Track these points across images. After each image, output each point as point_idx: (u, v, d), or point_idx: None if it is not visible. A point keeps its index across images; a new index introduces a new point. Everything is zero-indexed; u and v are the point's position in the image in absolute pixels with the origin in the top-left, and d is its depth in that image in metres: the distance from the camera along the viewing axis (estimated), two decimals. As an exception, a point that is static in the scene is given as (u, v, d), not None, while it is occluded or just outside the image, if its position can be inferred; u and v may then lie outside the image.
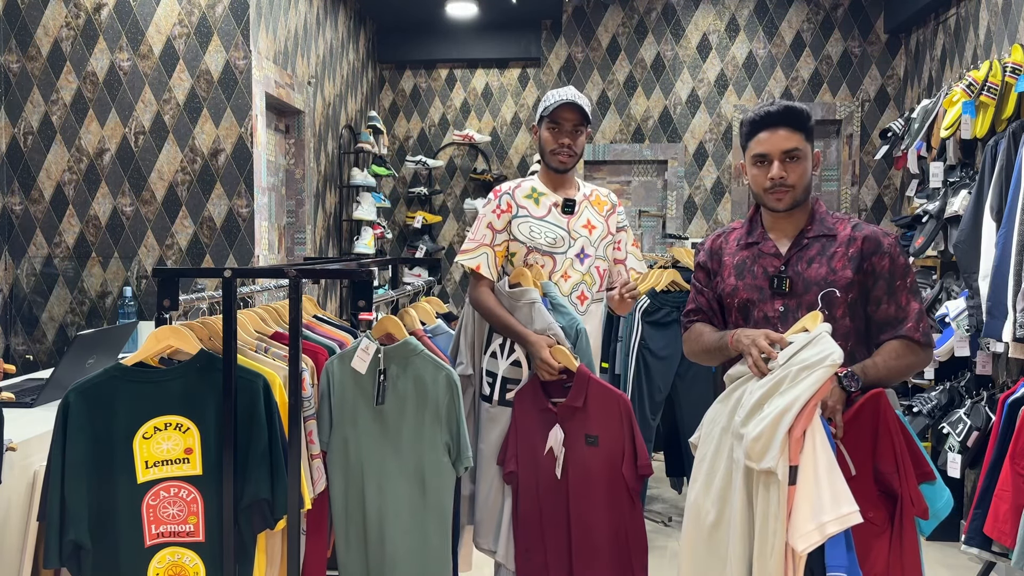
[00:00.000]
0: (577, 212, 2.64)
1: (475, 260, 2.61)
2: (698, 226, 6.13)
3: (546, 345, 2.41)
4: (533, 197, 2.65)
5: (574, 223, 2.63)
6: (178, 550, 1.96)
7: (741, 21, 6.05)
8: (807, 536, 1.71)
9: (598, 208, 2.69)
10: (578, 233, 2.62)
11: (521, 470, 2.48)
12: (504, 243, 2.62)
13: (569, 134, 2.58)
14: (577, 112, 2.56)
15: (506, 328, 2.50)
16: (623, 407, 2.39)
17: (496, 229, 2.62)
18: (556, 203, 2.64)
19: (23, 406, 2.48)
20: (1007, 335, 3.16)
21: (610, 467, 2.40)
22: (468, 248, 2.64)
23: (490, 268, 2.60)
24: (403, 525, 2.21)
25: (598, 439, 2.41)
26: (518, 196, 2.64)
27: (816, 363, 1.76)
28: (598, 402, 2.40)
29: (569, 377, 2.43)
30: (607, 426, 2.39)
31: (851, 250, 2.02)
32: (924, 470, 1.92)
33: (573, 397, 2.41)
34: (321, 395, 2.21)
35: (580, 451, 2.42)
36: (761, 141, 2.04)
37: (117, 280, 4.16)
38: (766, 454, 1.75)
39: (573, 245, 2.61)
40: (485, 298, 2.57)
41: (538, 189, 2.66)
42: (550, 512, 2.45)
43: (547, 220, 2.62)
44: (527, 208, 2.63)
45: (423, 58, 6.53)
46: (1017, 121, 3.43)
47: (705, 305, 2.21)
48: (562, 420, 2.43)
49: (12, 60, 4.14)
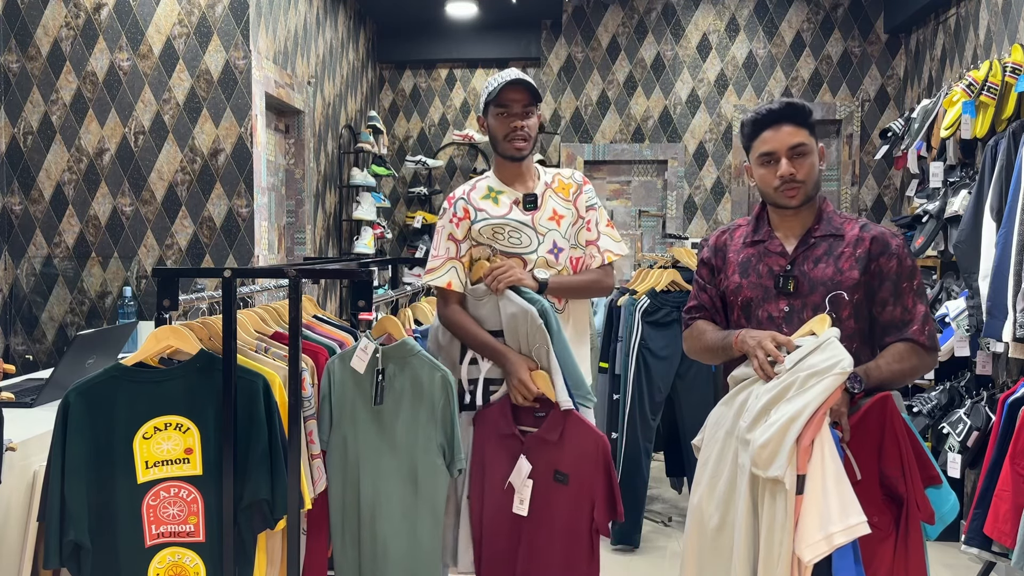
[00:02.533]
0: (540, 205, 2.43)
1: (443, 277, 2.39)
2: (698, 226, 6.13)
3: (527, 367, 2.24)
4: (491, 196, 2.45)
5: (539, 218, 2.42)
6: (178, 550, 1.95)
7: (741, 21, 6.05)
8: (814, 546, 1.69)
9: (563, 193, 2.47)
10: (545, 227, 2.42)
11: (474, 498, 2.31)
12: (468, 252, 2.43)
13: (520, 116, 2.36)
14: (525, 90, 2.36)
15: (483, 346, 2.32)
16: (602, 448, 2.20)
17: (457, 239, 2.42)
18: (516, 200, 2.43)
19: (23, 406, 2.48)
20: (1007, 335, 3.16)
21: (576, 509, 2.21)
22: (433, 266, 2.42)
23: (460, 281, 2.41)
24: (395, 525, 2.20)
25: (568, 478, 2.21)
26: (474, 199, 2.44)
27: (825, 370, 1.73)
28: (575, 437, 2.21)
29: (543, 406, 2.25)
30: (581, 465, 2.20)
31: (858, 250, 2.00)
32: (930, 474, 1.89)
33: (547, 429, 2.22)
34: (322, 395, 2.21)
35: (547, 487, 2.23)
36: (766, 140, 2.01)
37: (117, 280, 4.16)
38: (773, 462, 1.73)
39: (543, 242, 2.41)
40: (458, 317, 2.37)
41: (495, 187, 2.46)
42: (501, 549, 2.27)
43: (509, 219, 2.41)
44: (486, 209, 2.42)
45: (423, 58, 6.53)
46: (1017, 121, 3.43)
47: (707, 302, 2.18)
48: (528, 450, 2.24)
49: (12, 60, 4.14)
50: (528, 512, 2.23)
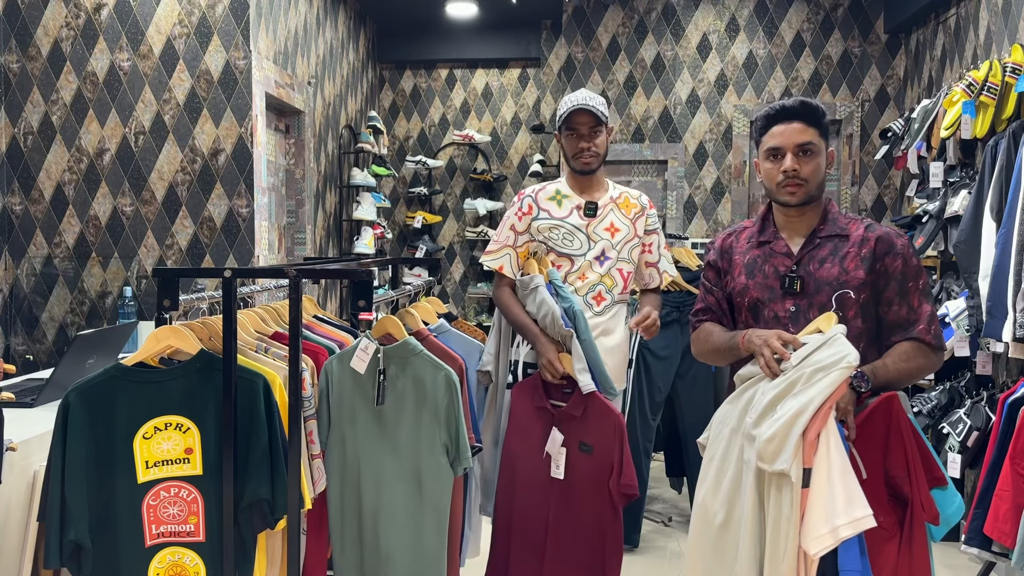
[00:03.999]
0: (600, 215, 2.70)
1: (498, 261, 2.71)
2: (698, 226, 6.13)
3: (555, 349, 2.49)
4: (556, 199, 2.72)
5: (595, 226, 2.69)
6: (178, 550, 1.95)
7: (741, 21, 6.05)
8: (820, 539, 1.69)
9: (625, 211, 2.74)
10: (599, 236, 2.68)
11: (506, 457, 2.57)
12: (526, 244, 2.72)
13: (586, 137, 2.64)
14: (589, 115, 2.62)
15: (521, 327, 2.59)
16: (618, 424, 2.46)
17: (518, 231, 2.71)
18: (579, 205, 2.70)
19: (23, 406, 2.48)
20: (1007, 335, 3.16)
21: (600, 476, 2.47)
22: (492, 249, 2.74)
23: (512, 268, 2.70)
24: (399, 525, 2.20)
25: (593, 448, 2.46)
26: (541, 198, 2.72)
27: (831, 365, 1.74)
28: (596, 415, 2.46)
29: (569, 383, 2.49)
30: (602, 438, 2.46)
31: (864, 251, 2.01)
32: (936, 475, 1.89)
33: (573, 405, 2.48)
34: (320, 395, 2.21)
35: (574, 456, 2.49)
36: (775, 135, 2.02)
37: (117, 280, 4.16)
38: (779, 456, 1.73)
39: (592, 248, 2.67)
40: (505, 297, 2.66)
41: (562, 191, 2.73)
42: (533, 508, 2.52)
43: (566, 221, 2.68)
44: (548, 210, 2.70)
45: (423, 58, 6.53)
46: (1017, 121, 3.43)
47: (715, 304, 2.19)
48: (559, 423, 2.50)
49: (12, 60, 4.14)
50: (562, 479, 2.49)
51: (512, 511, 2.55)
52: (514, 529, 2.53)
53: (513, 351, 2.67)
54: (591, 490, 2.47)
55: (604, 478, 2.46)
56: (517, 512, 2.54)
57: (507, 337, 2.70)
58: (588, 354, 2.47)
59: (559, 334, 2.49)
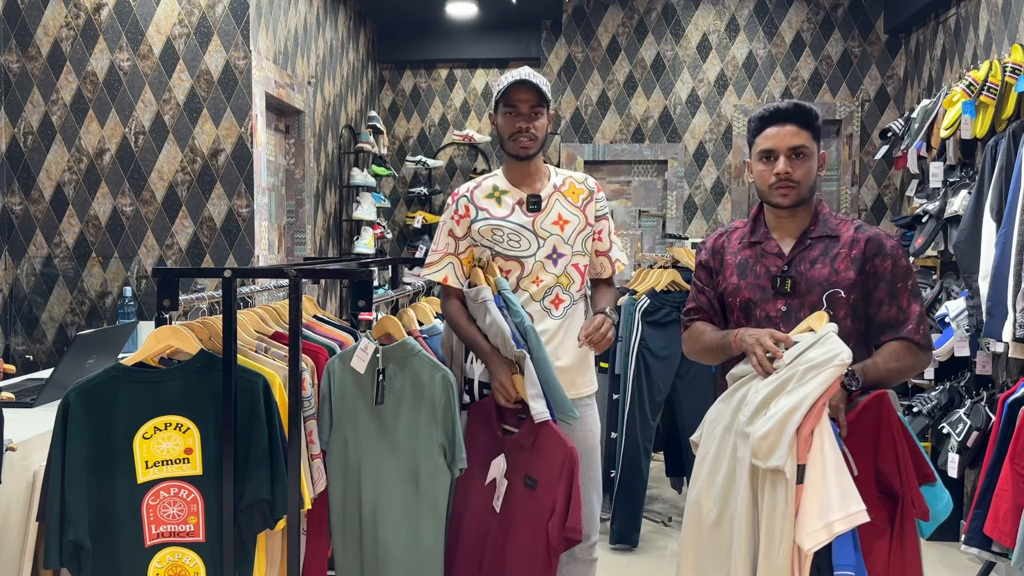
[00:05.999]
0: (545, 208, 2.41)
1: (441, 272, 2.43)
2: (698, 226, 6.13)
3: (508, 370, 2.24)
4: (495, 196, 2.43)
5: (541, 221, 2.40)
6: (178, 550, 1.96)
7: (741, 21, 6.05)
8: (814, 535, 1.71)
9: (572, 198, 2.44)
10: (547, 231, 2.39)
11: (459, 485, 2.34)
12: (468, 249, 2.44)
13: (526, 116, 2.35)
14: (533, 91, 2.34)
15: (472, 343, 2.34)
16: (569, 459, 2.20)
17: (457, 236, 2.44)
18: (520, 200, 2.41)
19: (23, 406, 2.48)
20: (1007, 335, 3.16)
21: (540, 515, 2.23)
22: (432, 260, 2.46)
23: (458, 277, 2.43)
24: (397, 525, 2.21)
25: (537, 483, 2.24)
26: (477, 197, 2.44)
27: (824, 362, 1.76)
28: (547, 447, 2.23)
29: (525, 407, 2.25)
30: (548, 474, 2.22)
31: (854, 251, 2.03)
32: (925, 472, 1.92)
33: (524, 434, 2.26)
34: (322, 395, 2.21)
35: (518, 490, 2.27)
36: (768, 137, 2.04)
37: (117, 280, 4.16)
38: (774, 452, 1.75)
39: (542, 246, 2.39)
40: (453, 312, 2.39)
41: (500, 187, 2.44)
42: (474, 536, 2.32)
43: (510, 220, 2.40)
44: (488, 209, 2.42)
45: (423, 58, 6.53)
46: (1017, 121, 3.43)
47: (706, 304, 2.20)
48: (508, 451, 2.30)
49: (12, 60, 4.14)
50: (500, 509, 2.28)
51: (459, 535, 2.34)
52: (459, 554, 2.33)
53: (467, 368, 2.40)
54: (528, 528, 2.23)
55: (544, 518, 2.21)
56: (463, 537, 2.33)
57: (459, 354, 2.43)
58: (542, 374, 2.21)
59: (511, 354, 2.23)
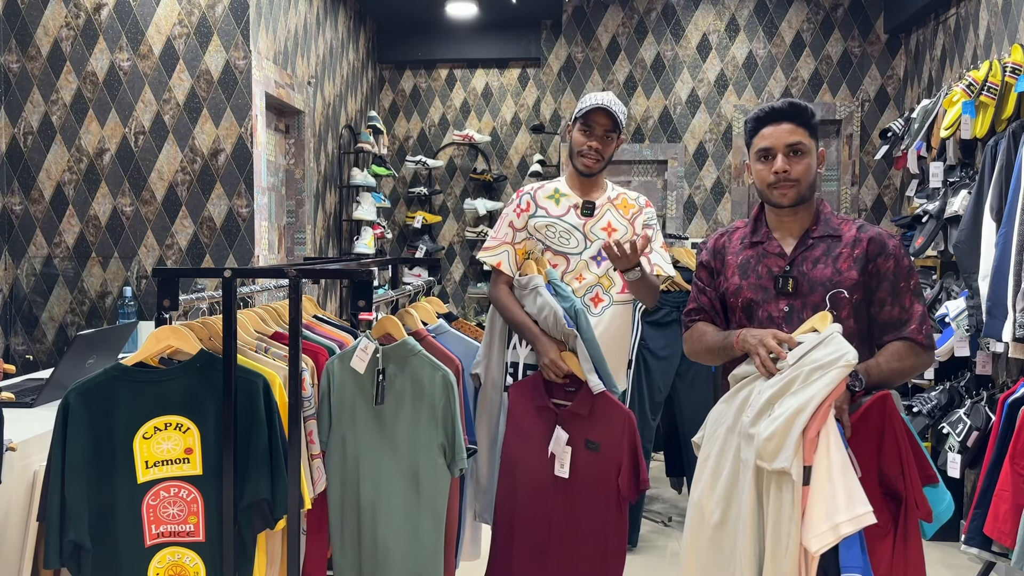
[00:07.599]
0: (597, 215, 2.68)
1: (496, 257, 2.70)
2: (698, 226, 6.13)
3: (557, 348, 2.46)
4: (554, 198, 2.71)
5: (592, 225, 2.67)
6: (178, 550, 1.96)
7: (741, 21, 6.05)
8: (821, 536, 1.70)
9: (623, 211, 2.71)
10: (595, 235, 2.66)
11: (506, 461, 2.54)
12: (523, 241, 2.70)
13: (599, 138, 2.61)
14: (609, 118, 2.59)
15: (519, 326, 2.56)
16: (628, 420, 2.42)
17: (516, 227, 2.70)
18: (576, 204, 2.68)
19: (23, 406, 2.48)
20: (1007, 335, 3.16)
21: (607, 474, 2.43)
22: (490, 245, 2.73)
23: (510, 265, 2.68)
24: (396, 525, 2.21)
25: (599, 446, 2.43)
26: (539, 196, 2.71)
27: (830, 363, 1.75)
28: (603, 412, 2.43)
29: (572, 381, 2.46)
30: (610, 435, 2.42)
31: (856, 251, 2.02)
32: (927, 473, 1.91)
33: (579, 404, 2.45)
34: (321, 395, 2.21)
35: (580, 454, 2.46)
36: (765, 136, 2.04)
37: (117, 280, 4.16)
38: (780, 454, 1.74)
39: (589, 247, 2.65)
40: (502, 295, 2.63)
41: (561, 190, 2.72)
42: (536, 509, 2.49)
43: (563, 220, 2.66)
44: (546, 208, 2.69)
45: (423, 58, 6.53)
46: (1017, 121, 3.43)
47: (707, 304, 2.20)
48: (563, 421, 2.47)
49: (12, 60, 4.14)
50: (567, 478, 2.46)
51: (514, 513, 2.51)
52: (516, 531, 2.50)
53: (510, 353, 2.63)
54: (597, 488, 2.44)
55: (611, 475, 2.42)
56: (519, 514, 2.50)
57: (503, 338, 2.66)
58: (592, 352, 2.44)
59: (562, 333, 2.46)
